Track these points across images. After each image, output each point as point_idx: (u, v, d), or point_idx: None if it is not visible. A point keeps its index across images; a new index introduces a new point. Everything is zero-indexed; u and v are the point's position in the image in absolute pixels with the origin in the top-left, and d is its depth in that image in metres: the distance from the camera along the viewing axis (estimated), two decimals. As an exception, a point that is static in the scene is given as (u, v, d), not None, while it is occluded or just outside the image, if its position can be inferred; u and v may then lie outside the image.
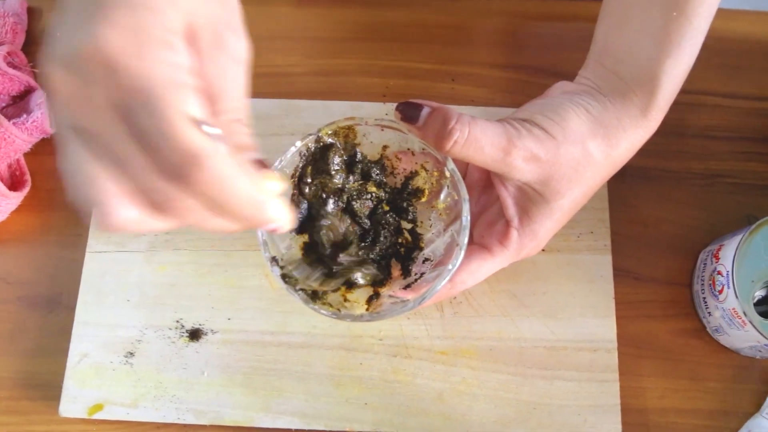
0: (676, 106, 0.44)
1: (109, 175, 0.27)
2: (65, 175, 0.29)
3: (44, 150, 0.56)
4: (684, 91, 0.44)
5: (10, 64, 0.56)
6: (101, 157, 0.27)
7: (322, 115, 0.55)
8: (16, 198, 0.53)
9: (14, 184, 0.55)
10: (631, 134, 0.43)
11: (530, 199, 0.43)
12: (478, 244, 0.46)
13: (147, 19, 0.26)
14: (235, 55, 0.30)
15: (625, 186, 0.54)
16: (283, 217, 0.30)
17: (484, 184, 0.48)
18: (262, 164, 0.30)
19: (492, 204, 0.47)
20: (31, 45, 0.60)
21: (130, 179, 0.27)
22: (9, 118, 0.54)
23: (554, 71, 0.58)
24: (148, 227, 0.29)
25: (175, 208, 0.27)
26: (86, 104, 0.26)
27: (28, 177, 0.55)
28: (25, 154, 0.55)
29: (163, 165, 0.26)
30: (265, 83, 0.57)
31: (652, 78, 0.42)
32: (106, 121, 0.26)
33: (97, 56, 0.26)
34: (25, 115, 0.54)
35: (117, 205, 0.27)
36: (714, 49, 0.44)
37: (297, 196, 0.45)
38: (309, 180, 0.44)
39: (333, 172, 0.44)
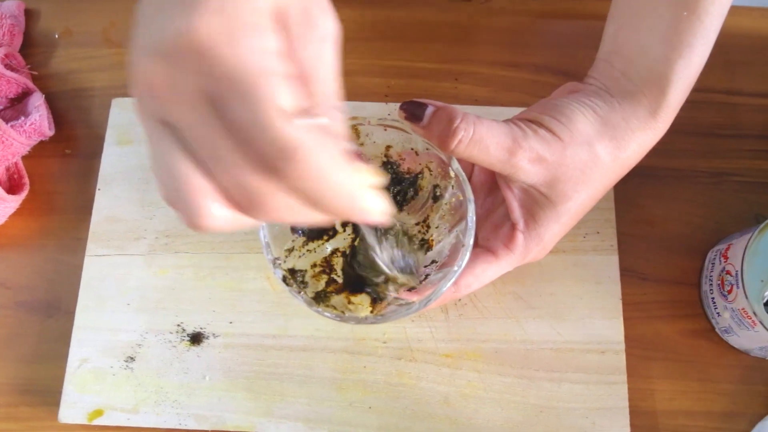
0: (683, 103, 0.43)
1: (199, 172, 0.26)
2: (154, 174, 0.28)
3: (42, 153, 0.55)
4: (691, 88, 0.43)
5: (8, 67, 0.55)
6: (191, 152, 0.26)
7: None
8: (14, 201, 0.53)
9: (12, 188, 0.54)
10: (640, 136, 0.42)
11: (536, 201, 0.42)
12: (483, 247, 0.45)
13: (237, 3, 0.25)
14: (325, 34, 0.28)
15: (631, 185, 0.53)
16: (381, 208, 0.28)
17: (490, 186, 0.47)
18: (357, 155, 0.28)
19: (497, 207, 0.46)
20: (29, 47, 0.60)
21: (222, 175, 0.26)
22: (7, 120, 0.53)
23: (559, 70, 0.58)
24: (238, 225, 0.28)
25: (268, 203, 0.26)
26: (177, 95, 0.26)
27: (26, 180, 0.54)
28: (23, 157, 0.55)
29: (259, 158, 0.25)
30: None
31: (662, 79, 0.41)
32: (198, 112, 0.25)
33: (190, 44, 0.24)
34: (22, 118, 0.53)
35: (209, 204, 0.27)
36: (720, 46, 0.43)
37: None
38: None
39: None
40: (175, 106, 0.26)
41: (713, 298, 0.49)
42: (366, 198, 0.27)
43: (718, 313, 0.49)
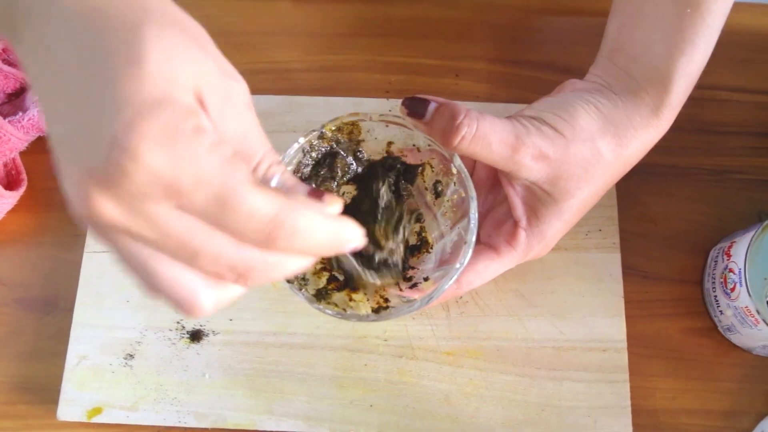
0: (686, 100, 0.43)
1: (185, 268, 0.27)
2: (130, 274, 0.27)
3: (41, 148, 0.55)
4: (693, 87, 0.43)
5: (6, 61, 0.55)
6: (172, 253, 0.26)
7: (323, 112, 0.55)
8: (11, 197, 0.52)
9: (10, 184, 0.54)
10: (642, 134, 0.42)
11: (539, 199, 0.42)
12: (485, 244, 0.45)
13: (170, 116, 0.24)
14: (241, 101, 0.29)
15: (633, 183, 0.53)
16: (356, 232, 0.29)
17: (492, 183, 0.47)
18: (317, 193, 0.29)
19: (499, 203, 0.46)
20: (27, 41, 0.59)
21: (208, 265, 0.26)
22: (4, 116, 0.53)
23: (560, 67, 0.57)
24: (231, 299, 0.28)
25: (258, 271, 0.27)
26: (141, 221, 0.25)
27: (24, 176, 0.54)
28: (21, 153, 0.54)
29: (246, 238, 0.26)
30: (266, 79, 0.57)
31: (665, 76, 0.41)
32: (168, 225, 0.25)
33: (143, 173, 0.24)
34: (20, 113, 0.53)
35: (200, 294, 0.27)
36: (723, 43, 0.43)
37: None
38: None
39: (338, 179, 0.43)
40: (138, 231, 0.25)
41: (716, 296, 0.49)
42: (344, 230, 0.28)
43: (720, 311, 0.49)
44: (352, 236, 0.28)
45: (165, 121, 0.24)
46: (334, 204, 0.29)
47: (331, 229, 0.27)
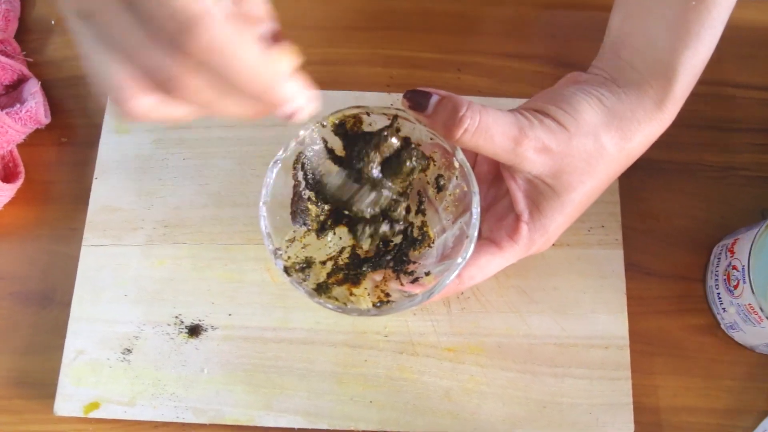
0: (689, 96, 0.42)
1: (117, 59, 0.26)
2: (86, 67, 0.27)
3: (38, 141, 0.55)
4: (698, 81, 0.42)
5: (3, 53, 0.54)
6: (106, 40, 0.26)
7: (324, 105, 0.53)
8: (9, 190, 0.52)
9: (7, 176, 0.53)
10: (646, 127, 0.42)
11: (541, 192, 0.42)
12: (487, 238, 0.44)
13: None
14: None
15: (636, 179, 0.53)
16: (301, 94, 0.27)
17: (494, 176, 0.46)
18: (276, 37, 0.27)
19: (501, 198, 0.45)
20: (24, 33, 0.59)
21: (137, 59, 0.26)
22: (2, 108, 0.52)
23: (563, 61, 0.57)
24: (165, 114, 0.28)
25: (181, 85, 0.26)
26: None
27: (21, 169, 0.53)
28: (19, 146, 0.54)
29: (160, 35, 0.25)
30: None
31: (669, 69, 0.41)
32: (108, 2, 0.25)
33: None
34: (18, 105, 0.52)
35: (129, 90, 0.26)
36: (728, 39, 0.42)
37: (301, 185, 0.43)
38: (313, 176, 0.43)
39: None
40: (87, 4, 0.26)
41: (719, 294, 0.49)
42: (282, 82, 0.26)
43: (723, 308, 0.48)
44: (290, 92, 0.27)
45: None
46: (287, 55, 0.27)
47: (261, 67, 0.26)
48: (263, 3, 0.28)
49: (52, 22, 0.59)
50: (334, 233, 0.45)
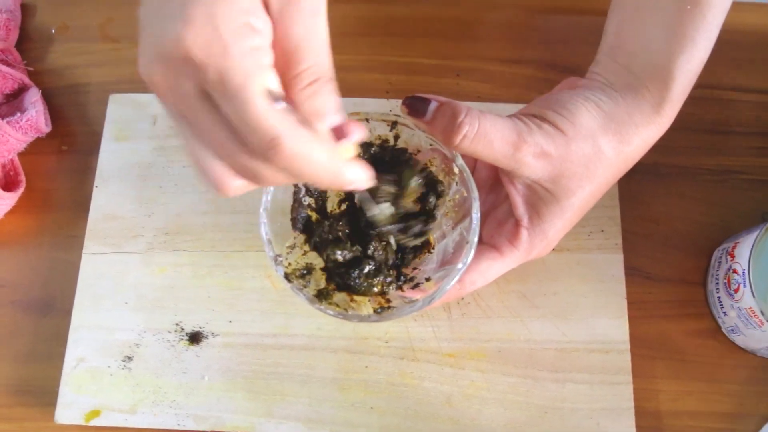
0: (688, 100, 0.42)
1: (210, 153, 0.31)
2: (186, 155, 0.33)
3: (39, 149, 0.55)
4: (695, 85, 0.42)
5: (3, 62, 0.55)
6: (198, 137, 0.31)
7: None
8: (10, 199, 0.52)
9: (8, 185, 0.53)
10: (643, 131, 0.42)
11: (540, 197, 0.42)
12: (487, 243, 0.44)
13: (223, 11, 0.28)
14: (309, 7, 0.30)
15: (636, 183, 0.53)
16: (360, 177, 0.33)
17: (493, 182, 0.46)
18: (341, 130, 0.31)
19: (501, 203, 0.45)
20: (25, 42, 0.59)
21: (226, 159, 0.31)
22: (2, 116, 0.52)
23: (562, 66, 0.57)
24: (251, 187, 0.33)
25: (269, 179, 0.31)
26: (176, 95, 0.30)
27: (22, 177, 0.53)
28: (20, 154, 0.54)
29: (249, 146, 0.29)
30: None
31: (665, 73, 0.41)
32: (198, 109, 0.30)
33: (181, 54, 0.28)
34: (18, 114, 0.53)
35: (227, 179, 0.32)
36: (726, 42, 0.42)
37: (301, 192, 0.44)
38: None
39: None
40: (176, 104, 0.30)
41: (719, 297, 0.49)
42: (347, 171, 0.32)
43: (724, 312, 0.48)
44: (355, 177, 0.32)
45: (215, 13, 0.28)
46: (349, 147, 0.32)
47: (332, 165, 0.31)
48: (331, 92, 0.31)
49: (53, 31, 0.59)
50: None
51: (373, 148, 0.44)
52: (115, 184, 0.53)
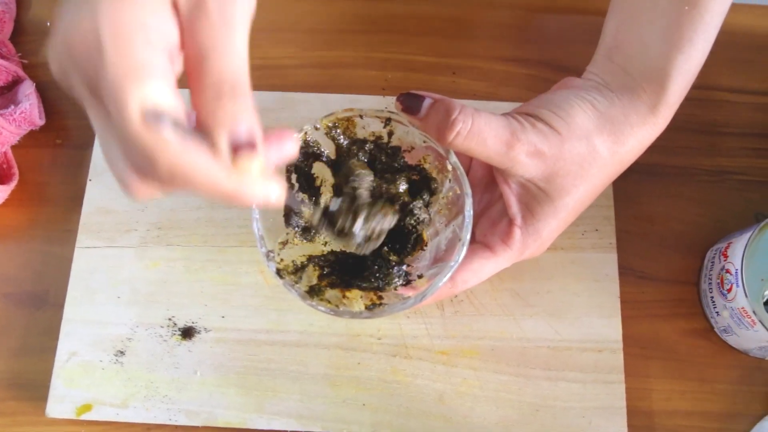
0: (683, 100, 0.43)
1: (114, 148, 0.29)
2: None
3: (33, 143, 0.54)
4: (692, 86, 0.42)
5: (-2, 54, 0.54)
6: (100, 128, 0.29)
7: (318, 109, 0.54)
8: (3, 192, 0.52)
9: (1, 178, 0.53)
10: (639, 131, 0.42)
11: (534, 196, 0.42)
12: (480, 242, 0.44)
13: (125, 9, 0.26)
14: (218, 16, 0.28)
15: (630, 182, 0.53)
16: (265, 192, 0.29)
17: (487, 181, 0.46)
18: (247, 145, 0.28)
19: (495, 202, 0.45)
20: (20, 35, 0.59)
21: (123, 154, 0.29)
22: (-4, 109, 0.52)
23: (558, 65, 0.57)
24: (162, 194, 0.30)
25: (164, 186, 0.29)
26: (77, 88, 0.29)
27: (15, 170, 0.53)
28: (13, 147, 0.54)
29: (131, 155, 0.28)
30: (260, 76, 0.56)
31: (662, 74, 0.41)
32: (89, 105, 0.28)
33: (72, 49, 0.27)
34: (12, 107, 0.52)
35: (128, 181, 0.29)
36: (722, 44, 0.42)
37: (295, 188, 0.43)
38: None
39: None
40: (77, 94, 0.29)
41: (712, 297, 0.49)
42: (246, 187, 0.28)
43: (717, 312, 0.48)
44: (255, 193, 0.29)
45: (117, 10, 0.26)
46: (252, 159, 0.28)
47: (222, 183, 0.28)
48: (239, 110, 0.28)
49: (48, 24, 0.59)
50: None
51: (368, 145, 0.44)
52: (109, 178, 0.52)
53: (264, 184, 0.29)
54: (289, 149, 0.30)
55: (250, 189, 0.28)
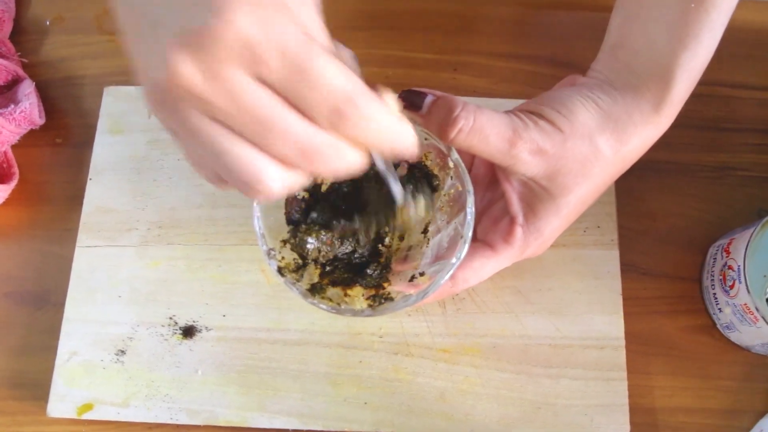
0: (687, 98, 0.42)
1: (253, 149, 0.28)
2: (194, 165, 0.30)
3: (33, 142, 0.54)
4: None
5: (-3, 53, 0.54)
6: (240, 131, 0.27)
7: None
8: (3, 191, 0.52)
9: (1, 177, 0.53)
10: (642, 130, 0.41)
11: (536, 195, 0.42)
12: (481, 241, 0.44)
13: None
14: None
15: (632, 179, 0.52)
16: (414, 142, 0.30)
17: (489, 179, 0.46)
18: (374, 87, 0.30)
19: (497, 200, 0.45)
20: (19, 34, 0.58)
21: (278, 144, 0.27)
22: (-4, 108, 0.52)
23: (560, 62, 0.57)
24: (293, 185, 0.29)
25: (326, 154, 0.28)
26: (219, 85, 0.26)
27: (15, 170, 0.53)
28: (13, 146, 0.54)
29: (319, 112, 0.27)
30: None
31: (667, 72, 0.40)
32: (245, 94, 0.26)
33: (232, 35, 0.25)
34: (12, 106, 0.52)
35: (271, 171, 0.28)
36: (724, 39, 0.42)
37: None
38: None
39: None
40: (214, 96, 0.26)
41: (714, 294, 0.49)
42: (405, 132, 0.30)
43: (719, 308, 0.48)
44: (409, 140, 0.30)
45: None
46: (395, 103, 0.31)
47: (394, 125, 0.29)
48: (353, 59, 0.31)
49: (47, 23, 0.59)
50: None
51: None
52: (110, 177, 0.52)
53: (409, 126, 0.30)
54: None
55: (407, 129, 0.30)
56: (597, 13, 0.54)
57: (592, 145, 0.40)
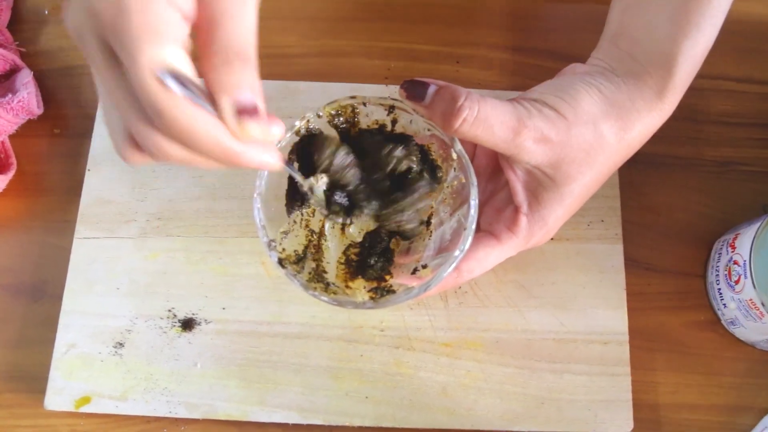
0: (690, 90, 0.42)
1: (115, 113, 0.31)
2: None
3: (31, 132, 0.54)
4: (698, 75, 0.42)
5: (-5, 42, 0.54)
6: (106, 91, 0.30)
7: (320, 98, 0.53)
8: (0, 182, 0.51)
9: (-1, 167, 0.52)
10: (645, 117, 0.41)
11: (540, 183, 0.41)
12: (485, 231, 0.44)
13: None
14: None
15: (636, 173, 0.52)
16: (263, 157, 0.31)
17: (492, 169, 0.46)
18: (250, 110, 0.29)
19: (500, 190, 0.45)
20: (17, 23, 0.58)
21: (123, 119, 0.30)
22: (-7, 97, 0.51)
23: (563, 54, 0.56)
24: (154, 162, 0.31)
25: (157, 148, 0.30)
26: (89, 45, 0.29)
27: (13, 160, 0.53)
28: (11, 136, 0.53)
29: (141, 108, 0.29)
30: (263, 64, 0.53)
31: (669, 59, 0.40)
32: (102, 65, 0.29)
33: (92, 3, 0.28)
34: (10, 95, 0.52)
35: (122, 141, 0.31)
36: (729, 32, 0.42)
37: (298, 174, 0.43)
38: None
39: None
40: (88, 59, 0.30)
41: (719, 289, 0.48)
42: (246, 150, 0.30)
43: (724, 304, 0.48)
44: (253, 159, 0.31)
45: None
46: (256, 124, 0.30)
47: (222, 143, 0.29)
48: (244, 78, 0.30)
49: (46, 12, 0.58)
50: (332, 226, 0.44)
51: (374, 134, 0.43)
52: (108, 168, 0.52)
53: (263, 149, 0.31)
54: (280, 129, 0.31)
55: (250, 151, 0.30)
56: (598, 5, 0.54)
57: (597, 132, 0.40)
